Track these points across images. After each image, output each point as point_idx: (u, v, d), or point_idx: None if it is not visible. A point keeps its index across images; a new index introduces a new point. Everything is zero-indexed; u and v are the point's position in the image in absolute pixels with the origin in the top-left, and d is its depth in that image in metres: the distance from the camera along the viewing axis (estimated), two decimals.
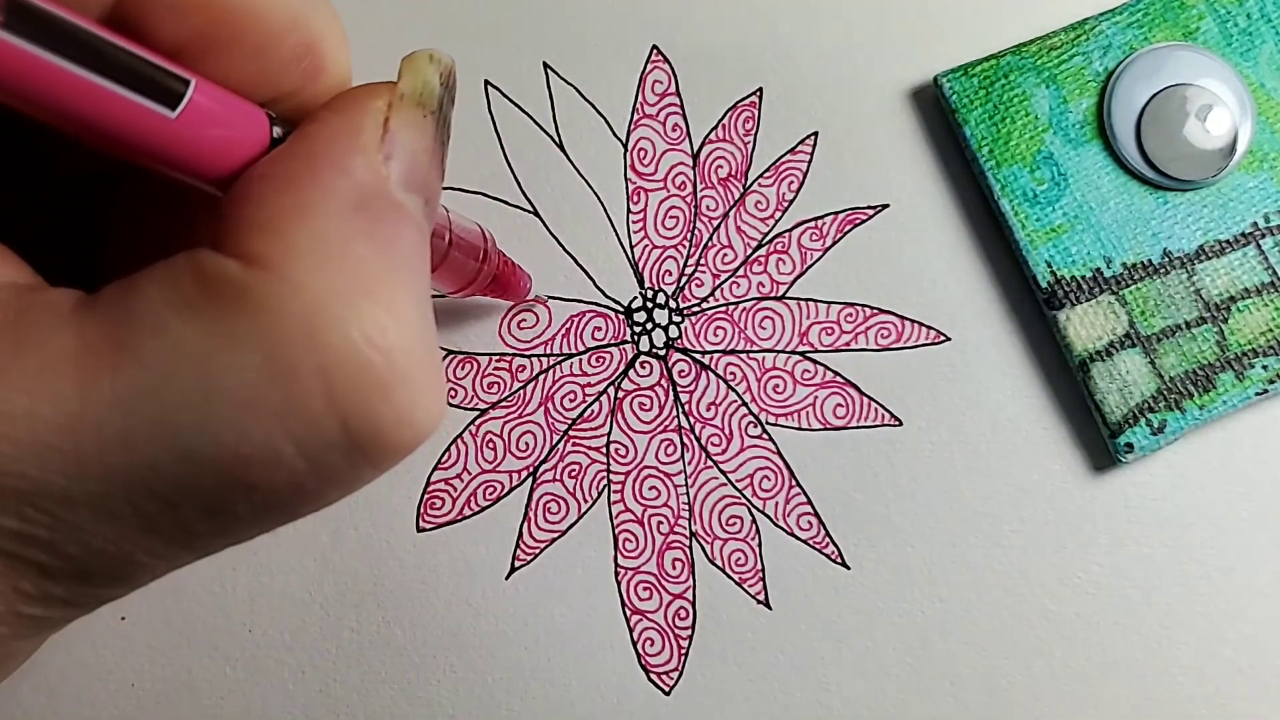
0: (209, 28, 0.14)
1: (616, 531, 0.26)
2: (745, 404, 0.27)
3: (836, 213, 0.28)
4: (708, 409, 0.27)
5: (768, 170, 0.28)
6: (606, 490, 0.27)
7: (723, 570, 0.26)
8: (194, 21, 0.14)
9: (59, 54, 0.12)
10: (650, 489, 0.27)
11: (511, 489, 0.27)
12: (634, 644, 0.26)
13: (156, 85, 0.13)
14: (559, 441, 0.27)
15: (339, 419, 0.13)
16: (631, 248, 0.28)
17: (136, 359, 0.13)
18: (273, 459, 0.13)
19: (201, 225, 0.17)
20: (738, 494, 0.27)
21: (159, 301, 0.13)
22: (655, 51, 0.28)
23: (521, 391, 0.27)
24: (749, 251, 0.28)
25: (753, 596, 0.26)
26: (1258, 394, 0.26)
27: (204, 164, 0.14)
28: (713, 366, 0.27)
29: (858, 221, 0.28)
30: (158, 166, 0.14)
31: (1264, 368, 0.26)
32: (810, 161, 0.28)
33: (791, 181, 0.28)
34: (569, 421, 0.27)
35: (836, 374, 0.27)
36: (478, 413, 0.27)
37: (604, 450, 0.27)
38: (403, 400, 0.14)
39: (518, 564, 0.26)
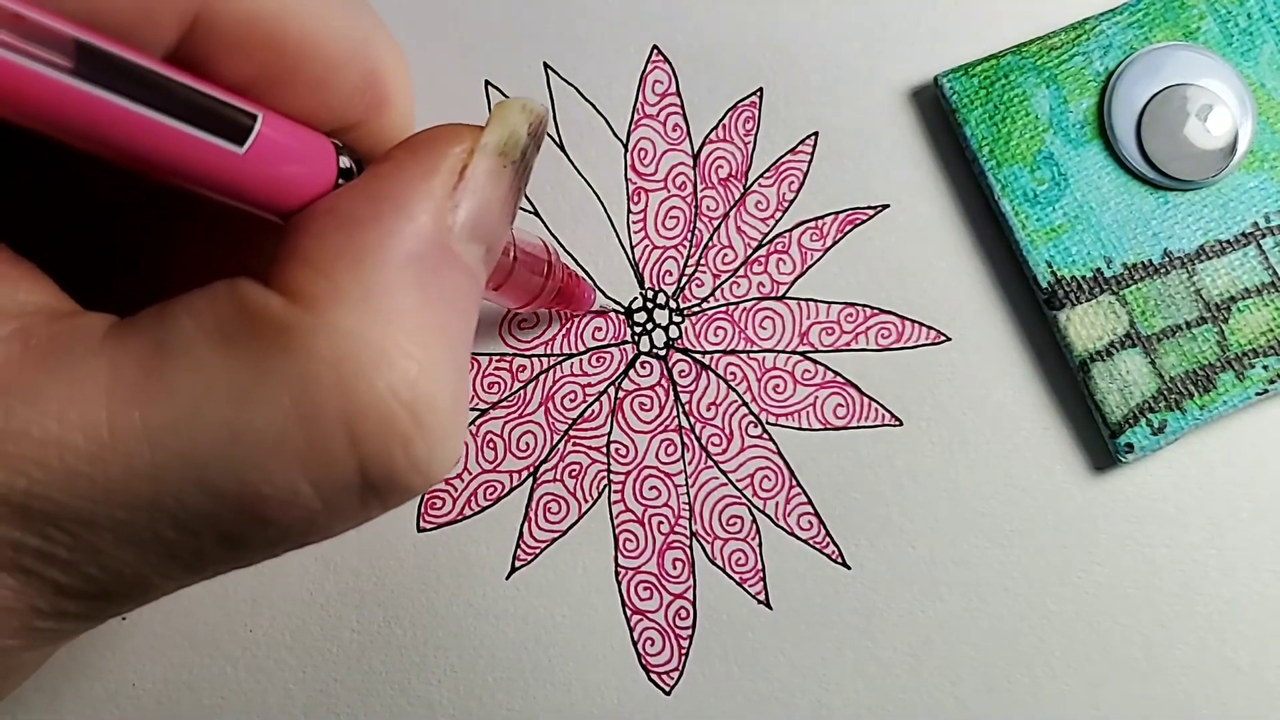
0: (273, 62, 0.14)
1: (617, 531, 0.26)
2: (746, 404, 0.27)
3: (837, 213, 0.28)
4: (708, 409, 0.27)
5: (768, 170, 0.28)
6: (607, 490, 0.27)
7: (723, 570, 0.26)
8: (258, 56, 0.14)
9: (127, 96, 0.12)
10: (651, 489, 0.27)
11: (512, 489, 0.27)
12: (634, 644, 0.26)
13: (225, 122, 0.13)
14: (559, 441, 0.27)
15: (358, 464, 0.13)
16: (632, 248, 0.28)
17: (168, 391, 0.13)
18: (290, 499, 0.13)
19: (246, 253, 0.17)
20: (738, 494, 0.27)
21: (194, 332, 0.13)
22: (655, 51, 0.28)
23: (522, 391, 0.27)
24: (749, 252, 0.28)
25: (753, 596, 0.26)
26: (1258, 394, 0.26)
27: (272, 197, 0.14)
28: (713, 366, 0.27)
29: (858, 221, 0.28)
30: (226, 200, 0.14)
31: (1264, 368, 0.26)
32: (810, 161, 0.28)
33: (792, 181, 0.28)
34: (569, 421, 0.27)
35: (837, 374, 0.27)
36: (478, 413, 0.27)
37: (604, 450, 0.27)
38: (420, 450, 0.14)
39: (518, 564, 0.26)
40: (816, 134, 0.28)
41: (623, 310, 0.27)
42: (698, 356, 0.27)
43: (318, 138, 0.15)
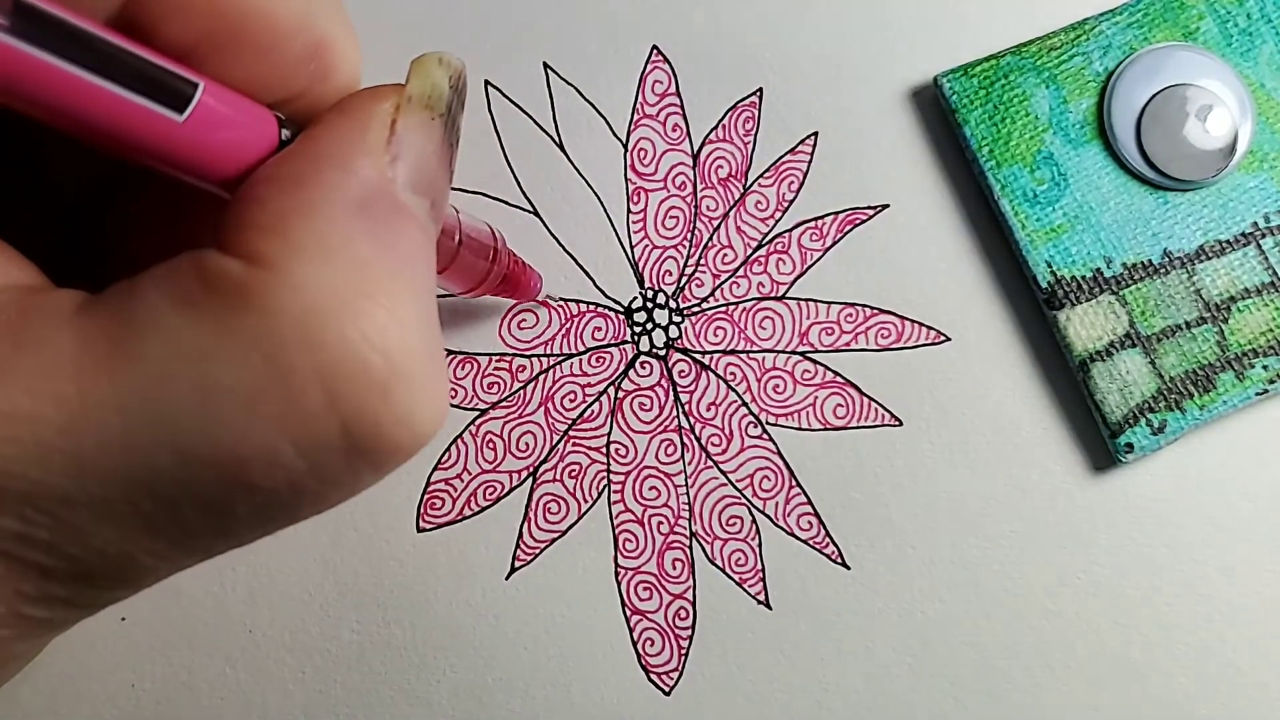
0: (217, 28, 0.14)
1: (616, 532, 0.26)
2: (745, 404, 0.27)
3: (836, 213, 0.28)
4: (708, 409, 0.27)
5: (768, 170, 0.28)
6: (606, 490, 0.27)
7: (723, 570, 0.26)
8: (202, 22, 0.14)
9: (64, 57, 0.12)
10: (650, 489, 0.27)
11: (511, 489, 0.27)
12: (634, 644, 0.26)
13: (164, 88, 0.13)
14: (559, 442, 0.27)
15: (338, 419, 0.13)
16: (631, 248, 0.28)
17: (136, 359, 0.13)
18: (271, 459, 0.13)
19: (208, 226, 0.17)
20: (738, 494, 0.27)
21: (159, 301, 0.13)
22: (655, 52, 0.28)
23: (521, 392, 0.27)
24: (749, 251, 0.28)
25: (753, 597, 0.26)
26: (1258, 394, 0.26)
27: (212, 166, 0.14)
28: (713, 367, 0.27)
29: (858, 221, 0.28)
30: (166, 169, 0.14)
31: (1264, 368, 0.26)
32: (810, 161, 0.28)
33: (791, 181, 0.28)
34: (569, 422, 0.27)
35: (837, 374, 0.27)
36: (478, 413, 0.27)
37: (604, 450, 0.27)
38: (402, 401, 0.14)
39: (518, 564, 0.26)
40: (816, 134, 0.28)
41: (623, 310, 0.27)
42: (697, 356, 0.27)
43: (259, 108, 0.15)
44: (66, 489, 0.13)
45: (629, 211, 0.28)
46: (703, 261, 0.28)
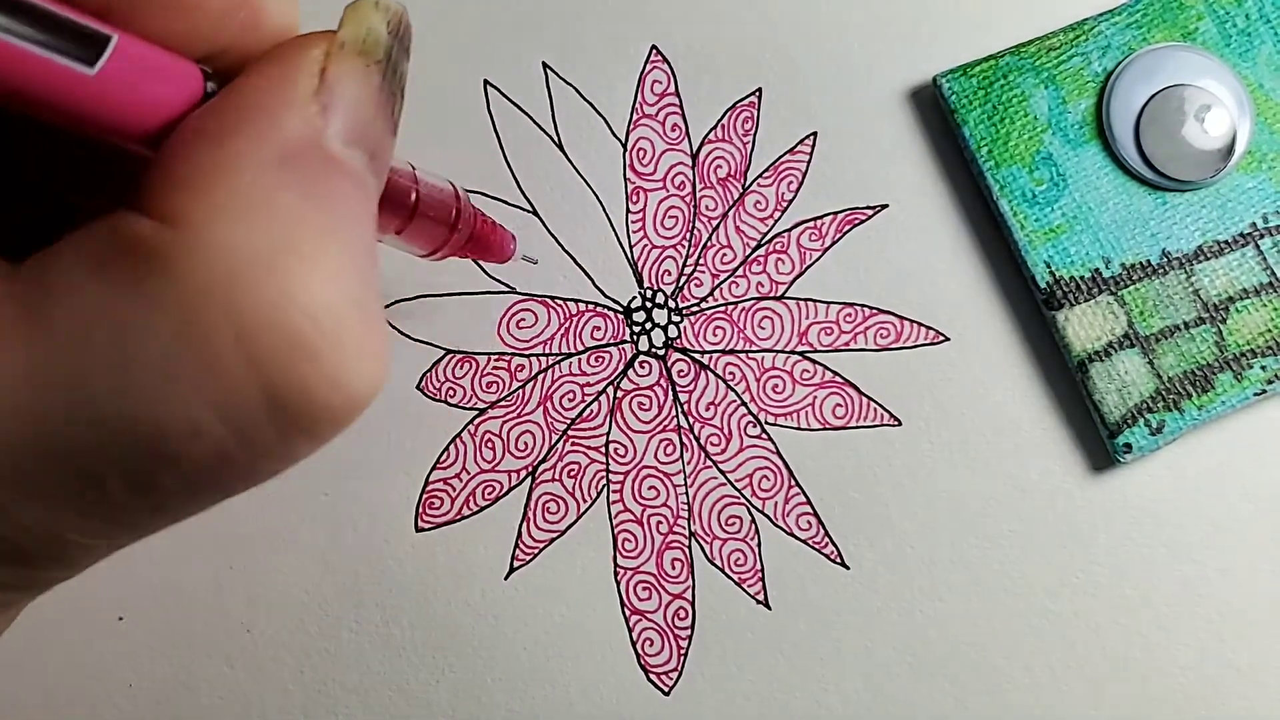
0: None
1: (616, 531, 0.26)
2: (744, 404, 0.27)
3: (835, 213, 0.28)
4: (707, 409, 0.27)
5: (767, 170, 0.28)
6: (606, 490, 0.27)
7: (722, 570, 0.26)
8: None
9: None
10: (649, 489, 0.27)
11: (510, 489, 0.27)
12: (633, 644, 0.26)
13: (73, 39, 0.12)
14: (558, 441, 0.27)
15: (261, 385, 0.13)
16: (630, 247, 0.28)
17: (49, 326, 0.12)
18: (193, 429, 0.13)
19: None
20: (737, 494, 0.27)
21: (75, 266, 0.12)
22: (654, 52, 0.28)
23: (520, 391, 0.27)
24: (748, 251, 0.28)
25: (752, 596, 0.26)
26: (1256, 394, 0.26)
27: (130, 123, 0.13)
28: (712, 366, 0.27)
29: (857, 221, 0.28)
30: (80, 127, 0.13)
31: (1262, 368, 0.26)
32: (809, 161, 0.28)
33: (791, 181, 0.28)
34: (568, 421, 0.27)
35: (836, 374, 0.27)
36: (476, 412, 0.27)
37: (603, 450, 0.27)
38: (333, 363, 0.13)
39: (517, 564, 0.26)
40: (815, 134, 0.28)
41: (622, 310, 0.27)
42: (696, 356, 0.27)
43: (181, 61, 0.14)
44: None
45: (628, 211, 0.28)
46: (702, 261, 0.28)
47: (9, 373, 0.12)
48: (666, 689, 0.26)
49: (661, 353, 0.27)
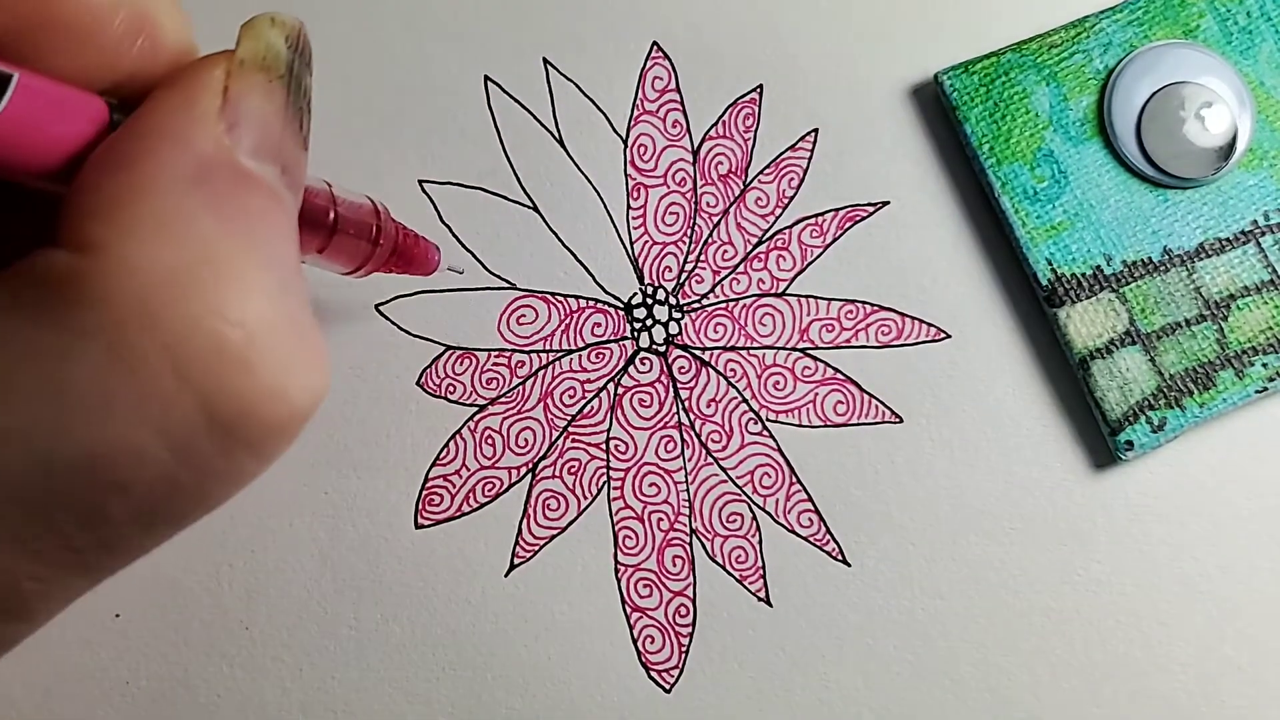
0: (28, 16, 0.13)
1: (616, 528, 0.26)
2: (745, 401, 0.27)
3: (837, 209, 0.28)
4: (708, 405, 0.27)
5: (768, 167, 0.28)
6: (606, 487, 0.26)
7: (723, 567, 0.26)
8: (11, 12, 0.13)
9: None
10: (650, 486, 0.26)
11: (510, 485, 0.26)
12: (634, 641, 0.26)
13: None
14: (558, 438, 0.27)
15: (197, 400, 0.13)
16: (631, 244, 0.28)
17: None
18: (135, 453, 0.12)
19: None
20: (738, 491, 0.26)
21: (1, 305, 0.12)
22: (655, 48, 0.28)
23: (521, 387, 0.27)
24: (749, 248, 0.28)
25: (753, 594, 0.26)
26: (1258, 392, 0.26)
27: (37, 161, 0.13)
28: (713, 363, 0.27)
29: (858, 218, 0.28)
30: None
31: (1264, 365, 0.26)
32: (810, 158, 0.28)
33: (792, 178, 0.28)
34: (568, 418, 0.27)
35: (837, 371, 0.27)
36: (476, 408, 0.27)
37: (604, 447, 0.27)
38: (268, 373, 0.13)
39: (517, 561, 0.26)
40: (816, 130, 0.28)
41: (622, 306, 0.27)
42: (697, 353, 0.27)
43: (84, 94, 0.14)
44: None
45: (629, 207, 0.28)
46: (703, 258, 0.28)
47: None
48: (667, 686, 0.26)
49: (662, 349, 0.27)
